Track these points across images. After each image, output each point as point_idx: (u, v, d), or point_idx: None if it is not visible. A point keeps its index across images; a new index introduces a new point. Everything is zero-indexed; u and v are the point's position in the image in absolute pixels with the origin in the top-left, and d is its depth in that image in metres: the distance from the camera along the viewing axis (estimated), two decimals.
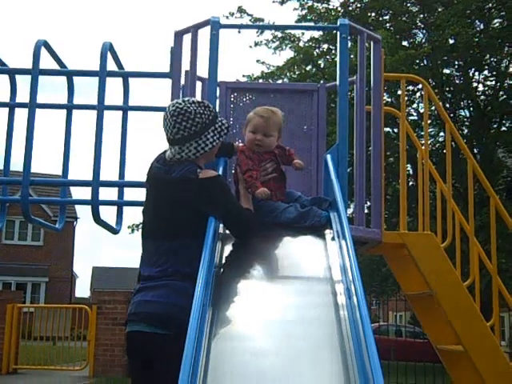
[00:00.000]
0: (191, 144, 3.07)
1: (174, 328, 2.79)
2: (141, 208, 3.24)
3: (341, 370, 2.64)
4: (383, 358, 2.55)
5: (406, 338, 21.96)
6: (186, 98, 3.16)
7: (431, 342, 5.00)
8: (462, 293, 4.48)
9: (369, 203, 4.72)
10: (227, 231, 3.34)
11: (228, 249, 3.33)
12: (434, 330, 4.93)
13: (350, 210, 8.10)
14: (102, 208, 4.19)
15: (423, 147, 5.13)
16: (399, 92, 14.66)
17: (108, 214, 4.77)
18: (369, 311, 2.79)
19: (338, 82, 4.25)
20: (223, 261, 3.22)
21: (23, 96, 4.61)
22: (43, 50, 4.41)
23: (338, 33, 4.24)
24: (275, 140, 3.58)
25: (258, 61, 19.13)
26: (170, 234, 3.00)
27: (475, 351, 4.38)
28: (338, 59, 4.28)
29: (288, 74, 18.68)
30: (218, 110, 4.83)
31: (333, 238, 3.46)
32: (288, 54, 19.54)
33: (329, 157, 4.04)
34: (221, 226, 3.31)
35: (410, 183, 14.01)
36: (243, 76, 18.70)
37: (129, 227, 20.22)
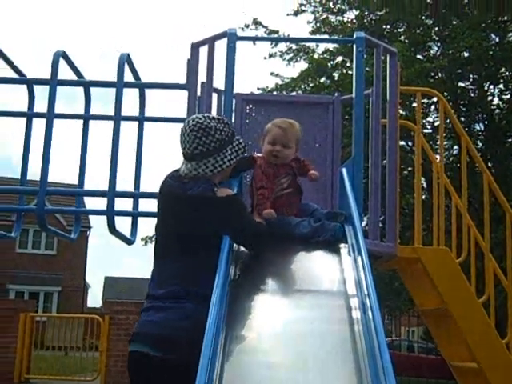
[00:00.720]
0: (209, 161, 3.03)
1: (174, 352, 2.72)
2: (155, 219, 3.20)
3: None
4: (396, 373, 2.53)
5: (419, 353, 21.81)
6: (206, 114, 3.16)
7: (445, 358, 4.95)
8: (477, 309, 4.44)
9: (383, 217, 4.71)
10: (241, 247, 3.32)
11: (241, 264, 3.30)
12: (448, 346, 4.89)
13: (363, 223, 8.08)
14: (116, 218, 4.21)
15: (438, 161, 5.10)
16: (414, 104, 14.62)
17: (123, 224, 4.78)
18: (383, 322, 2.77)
19: (354, 95, 4.25)
20: (237, 276, 3.20)
21: (41, 106, 4.65)
22: (61, 61, 4.45)
23: (354, 46, 4.24)
24: (293, 152, 3.55)
25: (272, 73, 19.18)
26: (182, 252, 2.92)
27: (489, 368, 4.33)
28: (354, 72, 4.29)
29: (302, 86, 18.70)
30: (233, 121, 4.85)
31: (348, 253, 3.45)
32: (302, 65, 19.54)
33: (344, 170, 4.03)
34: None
35: (424, 196, 13.95)
36: (258, 89, 18.74)
37: (142, 239, 20.13)
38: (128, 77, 4.62)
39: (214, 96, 4.69)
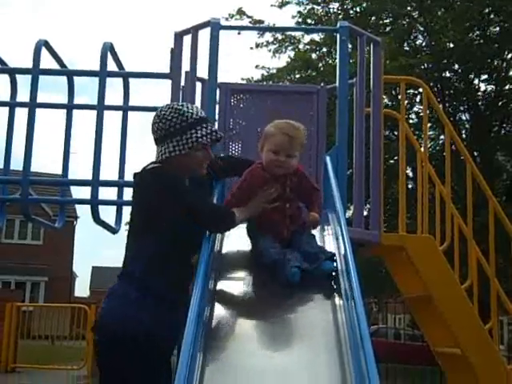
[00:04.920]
0: (168, 144, 2.96)
1: (105, 335, 2.78)
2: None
3: (338, 371, 2.65)
4: (382, 361, 2.55)
5: (405, 340, 21.98)
6: (171, 103, 3.13)
7: (429, 344, 5.00)
8: (460, 296, 4.49)
9: (368, 206, 4.73)
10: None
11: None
12: (432, 332, 4.94)
13: (349, 213, 8.11)
14: (101, 208, 4.20)
15: (422, 149, 5.13)
16: (400, 97, 14.65)
17: (107, 213, 4.78)
18: (367, 313, 2.79)
19: (337, 84, 4.26)
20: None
21: (24, 95, 4.62)
22: (44, 50, 4.42)
23: (338, 35, 4.25)
24: (297, 161, 3.12)
25: (257, 66, 19.16)
26: (129, 233, 2.99)
27: (473, 354, 4.38)
28: (337, 61, 4.30)
29: (288, 78, 18.68)
30: (217, 111, 4.84)
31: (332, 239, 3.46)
32: (288, 56, 19.49)
33: (328, 158, 4.05)
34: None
35: (410, 186, 14.01)
36: (242, 79, 18.70)
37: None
38: (112, 67, 4.61)
39: (198, 85, 4.69)
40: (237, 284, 3.07)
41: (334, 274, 3.01)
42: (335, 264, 3.04)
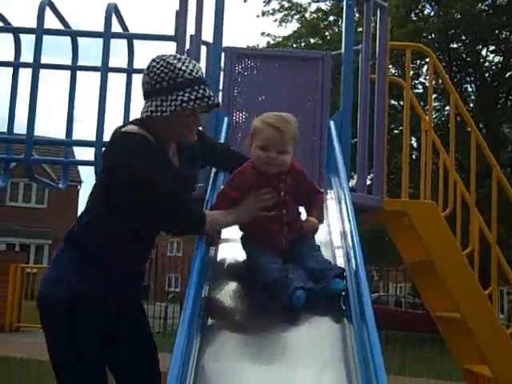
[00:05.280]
0: (152, 101, 2.58)
1: (38, 298, 2.62)
2: None
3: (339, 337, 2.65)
4: (382, 328, 2.52)
5: (406, 308, 22.17)
6: (164, 54, 2.65)
7: (429, 309, 5.05)
8: (461, 261, 4.52)
9: (371, 176, 4.73)
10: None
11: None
12: (433, 297, 4.98)
13: (353, 182, 8.10)
14: None
15: (427, 118, 5.12)
16: (406, 65, 14.54)
17: None
18: (369, 279, 2.79)
19: (343, 50, 4.24)
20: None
21: (28, 57, 4.61)
22: (48, 11, 4.39)
23: (344, 0, 4.22)
24: (291, 156, 2.70)
25: (263, 33, 19.00)
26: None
27: (472, 319, 4.42)
28: (343, 26, 4.27)
29: (294, 45, 18.55)
30: (223, 75, 4.82)
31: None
32: (294, 25, 19.34)
33: (332, 123, 4.05)
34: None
35: (414, 156, 13.99)
36: (247, 47, 18.58)
37: None
38: (116, 28, 4.57)
39: (203, 49, 4.66)
40: (232, 303, 2.69)
41: (343, 293, 2.59)
42: (345, 282, 2.62)
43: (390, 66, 14.83)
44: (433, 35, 17.85)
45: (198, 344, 2.34)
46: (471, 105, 18.70)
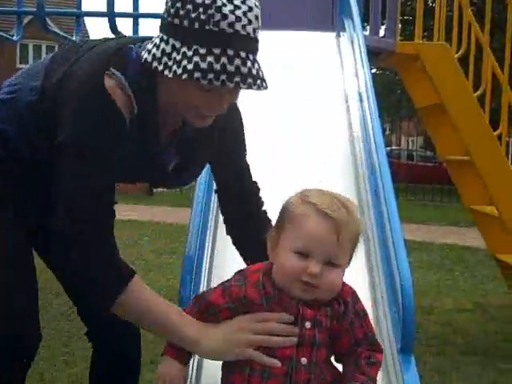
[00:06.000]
0: (161, 38, 1.54)
1: None
2: (158, 21, 2.39)
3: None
4: (395, 181, 2.63)
5: (417, 161, 22.46)
6: None
7: (439, 152, 5.17)
8: (472, 104, 4.56)
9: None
10: None
11: None
12: (443, 141, 5.07)
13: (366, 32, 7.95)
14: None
15: None
16: None
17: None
18: (382, 126, 2.87)
19: None
20: None
21: None
22: None
23: None
24: (342, 275, 1.51)
25: None
26: None
27: (481, 160, 4.53)
28: None
29: None
30: None
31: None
32: None
33: None
34: None
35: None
36: None
37: None
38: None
39: None
40: None
41: None
42: None
43: None
44: None
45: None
46: None
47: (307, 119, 3.15)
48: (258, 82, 1.49)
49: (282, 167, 2.82)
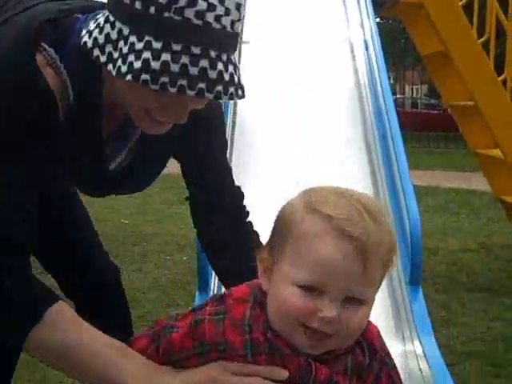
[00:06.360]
0: (108, 19, 1.16)
1: None
2: None
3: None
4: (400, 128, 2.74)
5: (422, 109, 22.44)
6: None
7: (444, 99, 5.27)
8: (477, 50, 4.63)
9: None
10: None
11: None
12: (448, 87, 5.17)
13: None
14: None
15: None
16: None
17: None
18: (388, 74, 2.99)
19: None
20: None
21: None
22: None
23: None
24: (369, 313, 1.01)
25: None
26: None
27: (485, 104, 4.62)
28: None
29: None
30: None
31: None
32: None
33: None
34: None
35: None
36: None
37: None
38: None
39: None
40: None
41: None
42: None
43: None
44: None
45: None
46: None
47: (313, 67, 3.27)
48: (231, 89, 1.11)
49: (292, 116, 2.95)
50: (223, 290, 1.49)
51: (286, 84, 3.15)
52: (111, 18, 1.13)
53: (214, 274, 1.85)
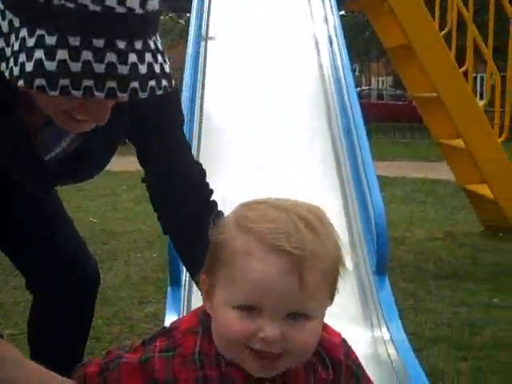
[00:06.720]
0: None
1: None
2: None
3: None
4: (366, 122, 2.81)
5: (388, 100, 22.69)
6: None
7: (408, 90, 5.36)
8: (438, 41, 4.73)
9: None
10: None
11: None
12: (412, 79, 5.27)
13: None
14: None
15: None
16: None
17: None
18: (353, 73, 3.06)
19: None
20: None
21: None
22: None
23: None
24: (319, 327, 0.94)
25: None
26: None
27: (447, 96, 4.73)
28: None
29: None
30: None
31: None
32: None
33: None
34: None
35: None
36: None
37: None
38: None
39: None
40: None
41: None
42: None
43: None
44: None
45: None
46: None
47: (279, 62, 3.32)
48: (152, 83, 0.95)
49: (257, 110, 2.99)
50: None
51: (252, 79, 3.19)
52: (1, 6, 0.95)
53: (184, 269, 1.89)
